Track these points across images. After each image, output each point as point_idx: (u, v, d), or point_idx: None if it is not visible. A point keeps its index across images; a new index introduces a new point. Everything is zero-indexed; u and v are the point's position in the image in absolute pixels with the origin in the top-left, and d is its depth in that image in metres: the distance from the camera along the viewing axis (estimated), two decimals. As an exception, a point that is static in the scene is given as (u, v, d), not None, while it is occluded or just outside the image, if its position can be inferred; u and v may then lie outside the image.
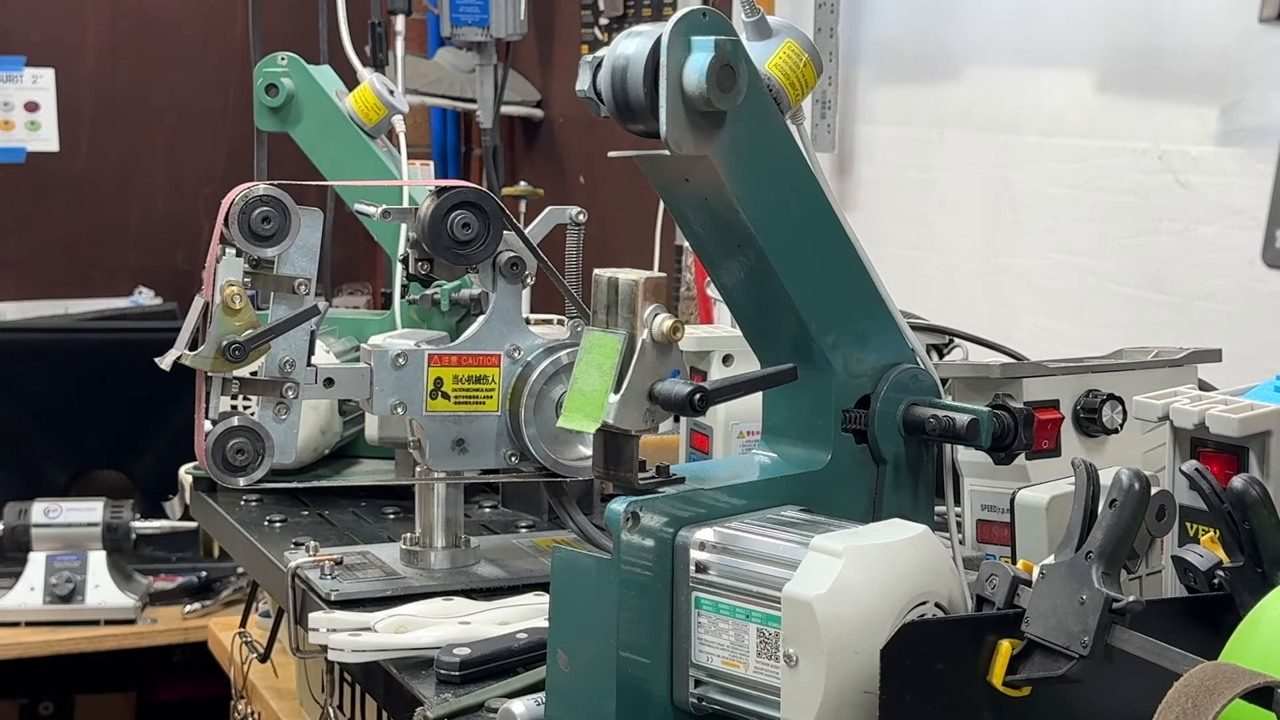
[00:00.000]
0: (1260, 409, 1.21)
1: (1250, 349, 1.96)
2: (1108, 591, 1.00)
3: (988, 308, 2.51)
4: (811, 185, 1.24)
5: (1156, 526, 1.12)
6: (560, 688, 1.19)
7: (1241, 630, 0.98)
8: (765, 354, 1.30)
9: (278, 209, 1.59)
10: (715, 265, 1.27)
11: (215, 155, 4.32)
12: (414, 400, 1.62)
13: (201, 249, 1.63)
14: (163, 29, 4.37)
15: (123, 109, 4.33)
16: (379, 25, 3.43)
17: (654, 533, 1.16)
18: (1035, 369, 1.55)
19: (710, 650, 1.15)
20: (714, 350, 1.80)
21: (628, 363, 1.16)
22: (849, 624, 1.05)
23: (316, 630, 1.51)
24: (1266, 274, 1.77)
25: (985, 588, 1.06)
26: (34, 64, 4.23)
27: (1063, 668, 1.00)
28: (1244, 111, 2.07)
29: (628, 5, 3.63)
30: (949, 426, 1.26)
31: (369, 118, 2.22)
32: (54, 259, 4.32)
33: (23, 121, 4.21)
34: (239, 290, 1.57)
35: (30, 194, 4.27)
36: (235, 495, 2.04)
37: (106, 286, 4.32)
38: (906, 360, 1.29)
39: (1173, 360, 1.62)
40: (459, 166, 4.36)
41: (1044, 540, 1.30)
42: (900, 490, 1.29)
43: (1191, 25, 2.14)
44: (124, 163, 4.35)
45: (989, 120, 2.54)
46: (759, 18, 1.26)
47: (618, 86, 1.16)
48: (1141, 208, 2.23)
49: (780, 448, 1.29)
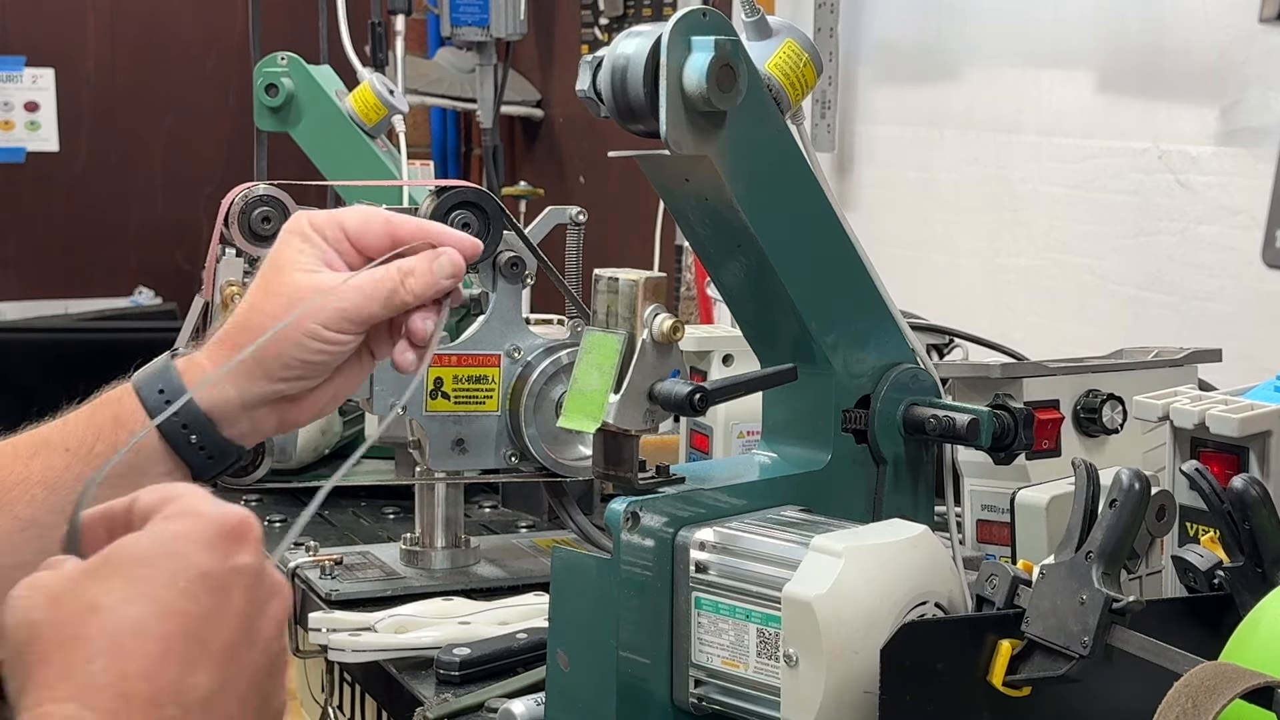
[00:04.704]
0: (1260, 409, 1.21)
1: (1250, 349, 1.96)
2: (1108, 591, 1.00)
3: (988, 307, 2.51)
4: (811, 185, 1.24)
5: (1156, 526, 1.12)
6: (560, 688, 1.19)
7: (1241, 630, 0.98)
8: (765, 354, 1.30)
9: (278, 209, 1.59)
10: (715, 265, 1.27)
11: (215, 155, 4.32)
12: (414, 400, 1.62)
13: (201, 249, 1.64)
14: (163, 29, 4.37)
15: (123, 109, 4.34)
16: (379, 25, 3.43)
17: (654, 533, 1.16)
18: (1035, 369, 1.55)
19: (710, 650, 1.15)
20: (714, 350, 1.79)
21: (628, 363, 1.16)
22: (849, 624, 1.05)
23: (316, 630, 1.51)
24: (1266, 274, 1.77)
25: (985, 588, 1.06)
26: (34, 64, 4.23)
27: (1063, 668, 1.00)
28: (1244, 111, 2.07)
29: (628, 5, 3.63)
30: (949, 426, 1.26)
31: (369, 118, 2.22)
32: (54, 259, 4.32)
33: (22, 121, 4.22)
34: (239, 290, 1.57)
35: (30, 194, 4.27)
36: (235, 495, 2.04)
37: (106, 286, 4.32)
38: (906, 360, 1.29)
39: (1173, 360, 1.62)
40: (459, 166, 4.37)
41: (1044, 540, 1.30)
42: (900, 490, 1.29)
43: (1191, 25, 2.14)
44: (124, 163, 4.35)
45: (989, 120, 2.54)
46: (759, 17, 1.26)
47: (618, 86, 1.16)
48: (1141, 208, 2.23)
49: (780, 448, 1.29)
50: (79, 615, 0.75)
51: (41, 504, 1.07)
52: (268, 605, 0.81)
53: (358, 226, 1.14)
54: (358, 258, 1.14)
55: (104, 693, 0.73)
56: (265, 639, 0.80)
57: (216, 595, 0.78)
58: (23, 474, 1.08)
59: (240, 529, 0.80)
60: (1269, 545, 1.05)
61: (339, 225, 1.14)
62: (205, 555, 0.78)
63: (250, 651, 0.79)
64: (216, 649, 0.77)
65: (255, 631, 0.79)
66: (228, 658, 0.78)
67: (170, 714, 0.74)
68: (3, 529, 1.06)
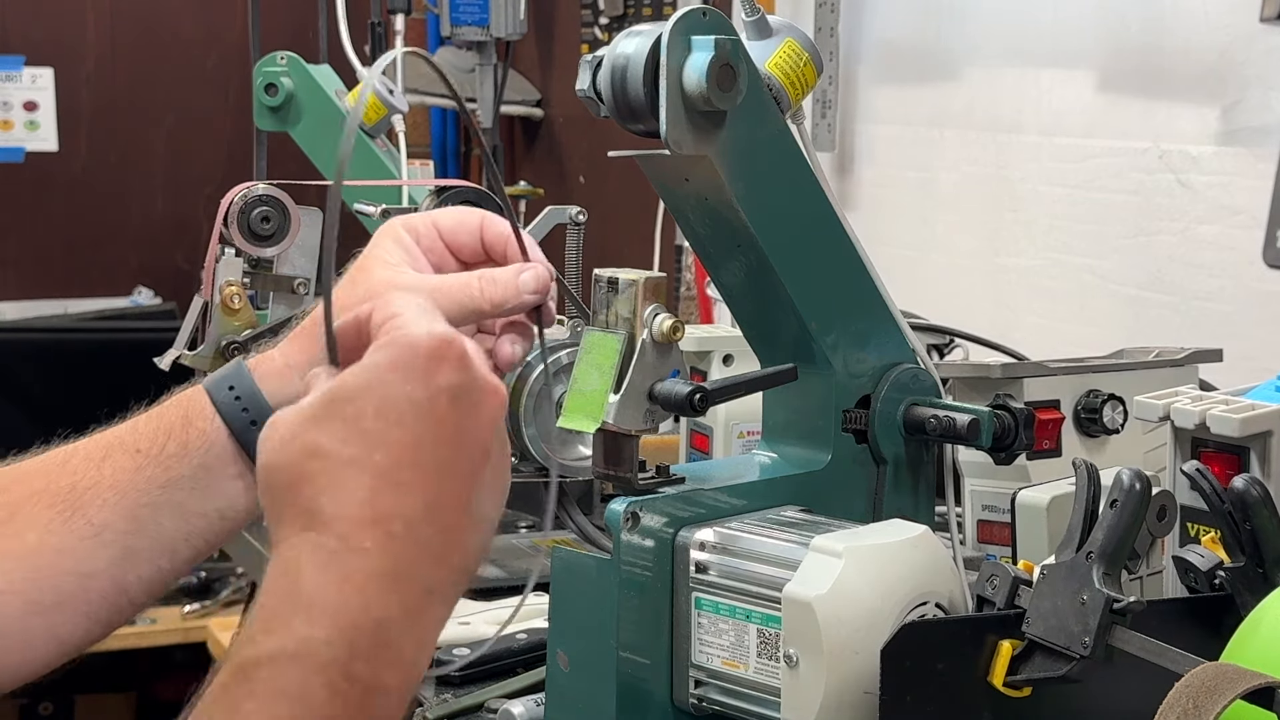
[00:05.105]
0: (1261, 409, 1.20)
1: (1251, 349, 1.96)
2: (1108, 592, 0.99)
3: (988, 308, 2.51)
4: (812, 185, 1.24)
5: (1157, 527, 1.12)
6: (560, 688, 1.19)
7: (1242, 631, 0.98)
8: (765, 354, 1.30)
9: (277, 209, 1.58)
10: (715, 265, 1.27)
11: (215, 155, 4.32)
12: (414, 400, 1.61)
13: (201, 249, 1.63)
14: (163, 29, 4.37)
15: (122, 109, 4.33)
16: (379, 25, 3.43)
17: (654, 533, 1.16)
18: (1036, 369, 1.55)
19: (710, 650, 1.14)
20: (714, 350, 1.79)
21: (628, 363, 1.16)
22: (849, 624, 1.05)
23: (316, 630, 1.50)
24: (1267, 274, 1.77)
25: (986, 588, 1.06)
26: (33, 63, 4.23)
27: (1063, 668, 1.00)
28: (1244, 111, 2.07)
29: (628, 5, 3.62)
30: (949, 426, 1.25)
31: (369, 117, 2.22)
32: (53, 259, 4.32)
33: (22, 121, 4.22)
34: (238, 290, 1.57)
35: (29, 194, 4.27)
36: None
37: (106, 286, 4.32)
38: (907, 360, 1.29)
39: (1174, 360, 1.61)
40: (459, 166, 4.36)
41: (1045, 540, 1.30)
42: (900, 490, 1.29)
43: (1192, 25, 2.14)
44: (123, 162, 4.35)
45: (989, 120, 2.54)
46: (759, 17, 1.26)
47: (618, 86, 1.16)
48: (1142, 207, 2.23)
49: (780, 448, 1.29)
50: (303, 458, 0.84)
51: (113, 508, 1.07)
52: (477, 412, 0.88)
53: (451, 225, 1.16)
54: (452, 261, 1.15)
55: (331, 524, 0.83)
56: (479, 445, 0.88)
57: (424, 420, 0.85)
58: (95, 478, 1.08)
59: (440, 349, 0.86)
60: (1270, 545, 1.05)
61: (433, 223, 1.16)
62: (409, 383, 0.85)
63: (464, 461, 0.87)
64: (431, 467, 0.85)
65: (467, 441, 0.87)
66: (443, 471, 0.86)
67: (394, 529, 0.83)
68: (77, 535, 1.06)
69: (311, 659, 0.81)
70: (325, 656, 0.81)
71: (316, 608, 0.82)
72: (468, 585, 0.90)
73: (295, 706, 0.80)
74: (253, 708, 0.80)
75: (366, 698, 0.82)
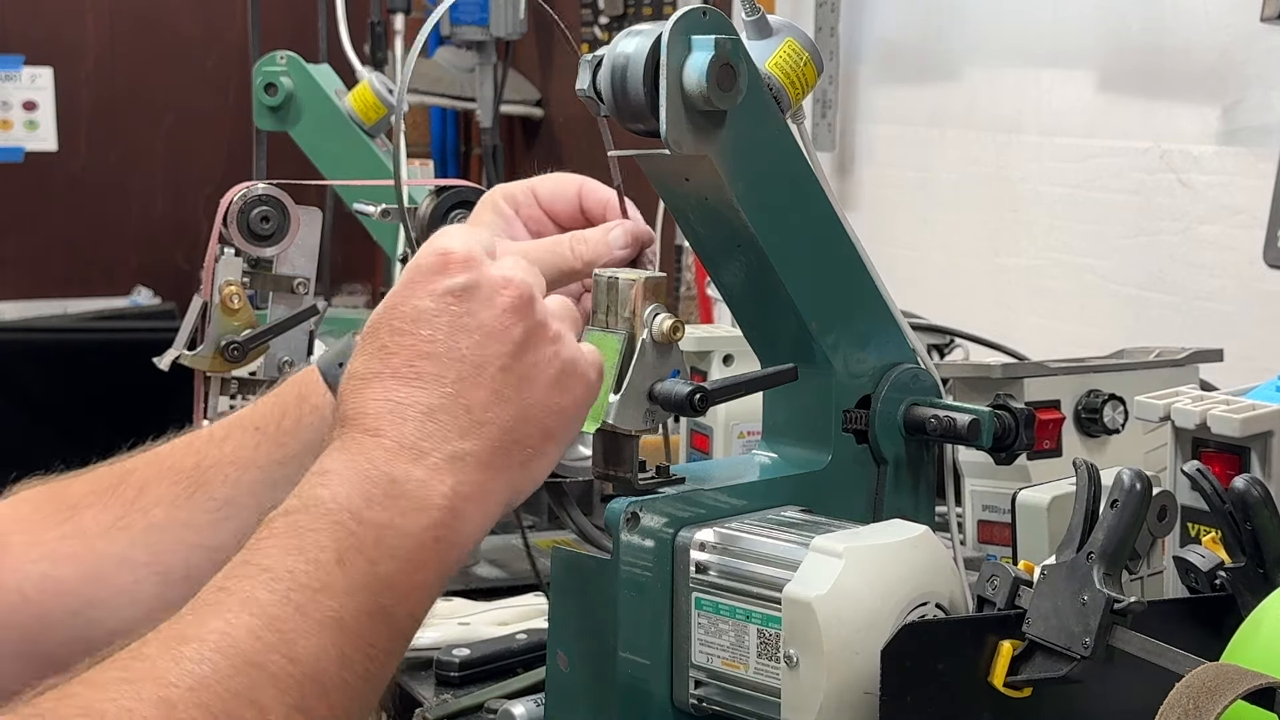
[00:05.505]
0: (1262, 409, 1.20)
1: (1252, 349, 1.96)
2: (1109, 592, 0.99)
3: (988, 308, 2.51)
4: (812, 185, 1.23)
5: (1158, 527, 1.11)
6: (560, 688, 1.19)
7: (1243, 631, 0.97)
8: (765, 354, 1.29)
9: (277, 208, 1.58)
10: (715, 265, 1.26)
11: (215, 155, 4.32)
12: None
13: (201, 249, 1.63)
14: (162, 29, 4.37)
15: (122, 109, 4.33)
16: (378, 24, 3.43)
17: (654, 533, 1.15)
18: (1036, 369, 1.55)
19: (710, 651, 1.14)
20: (714, 350, 1.79)
21: (628, 363, 1.16)
22: (849, 624, 1.04)
23: (316, 631, 1.50)
24: (1268, 274, 1.77)
25: (986, 588, 1.06)
26: (32, 63, 4.23)
27: (1064, 669, 1.00)
28: (1245, 111, 2.07)
29: (628, 4, 3.63)
30: (950, 426, 1.25)
31: (368, 117, 2.22)
32: (53, 259, 4.32)
33: (21, 121, 4.22)
34: (238, 290, 1.57)
35: (29, 194, 4.27)
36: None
37: (105, 286, 4.32)
38: (907, 360, 1.29)
39: (1174, 360, 1.61)
40: (458, 166, 4.36)
41: (1045, 541, 1.30)
42: (901, 490, 1.29)
43: (1192, 25, 2.14)
44: (123, 162, 4.35)
45: (989, 120, 2.54)
46: (759, 17, 1.25)
47: (617, 85, 1.16)
48: (1142, 207, 2.23)
49: (780, 448, 1.29)
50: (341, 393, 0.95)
51: (235, 484, 1.11)
52: (491, 303, 0.94)
53: (549, 191, 1.18)
54: (551, 227, 1.17)
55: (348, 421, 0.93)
56: (500, 331, 0.94)
57: (433, 321, 0.93)
58: (217, 456, 1.13)
59: (445, 257, 0.95)
60: (1271, 546, 1.05)
61: (531, 190, 1.18)
62: (415, 297, 0.94)
63: (480, 349, 0.94)
64: (448, 359, 0.93)
65: (485, 328, 0.94)
66: (463, 359, 0.93)
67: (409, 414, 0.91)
68: (202, 510, 1.10)
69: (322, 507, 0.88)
70: (341, 499, 0.89)
71: (331, 473, 0.90)
72: (533, 458, 0.98)
73: (306, 538, 0.87)
74: (271, 544, 0.87)
75: (382, 535, 0.88)
